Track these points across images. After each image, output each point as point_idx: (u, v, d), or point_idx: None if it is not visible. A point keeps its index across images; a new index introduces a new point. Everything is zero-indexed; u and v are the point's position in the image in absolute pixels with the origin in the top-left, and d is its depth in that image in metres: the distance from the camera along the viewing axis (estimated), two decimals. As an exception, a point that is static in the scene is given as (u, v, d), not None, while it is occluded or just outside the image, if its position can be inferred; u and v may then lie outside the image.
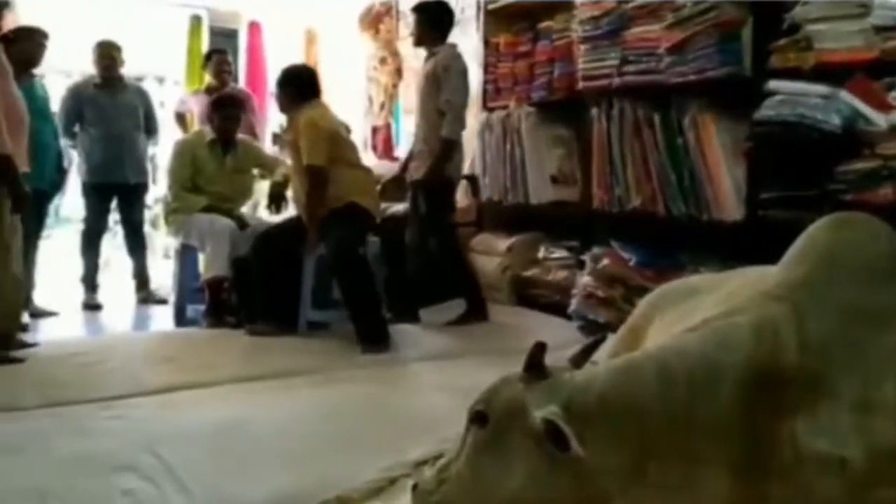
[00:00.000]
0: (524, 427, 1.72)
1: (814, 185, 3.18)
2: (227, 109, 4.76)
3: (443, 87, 4.31)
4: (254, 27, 7.35)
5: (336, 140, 4.19)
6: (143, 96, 5.58)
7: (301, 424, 2.71)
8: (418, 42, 4.61)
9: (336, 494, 2.03)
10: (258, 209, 5.16)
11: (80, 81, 5.48)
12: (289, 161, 4.47)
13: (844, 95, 3.12)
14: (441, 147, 4.31)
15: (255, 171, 4.99)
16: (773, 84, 3.31)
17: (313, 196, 4.04)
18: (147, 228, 6.01)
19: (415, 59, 6.32)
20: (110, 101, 5.26)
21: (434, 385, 3.23)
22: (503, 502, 1.75)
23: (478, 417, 1.83)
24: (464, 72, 4.41)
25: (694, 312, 1.85)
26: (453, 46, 4.50)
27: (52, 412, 2.85)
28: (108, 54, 5.26)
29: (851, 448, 1.52)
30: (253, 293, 4.24)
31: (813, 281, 1.68)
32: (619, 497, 1.65)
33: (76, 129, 5.25)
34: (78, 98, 5.22)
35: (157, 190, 6.77)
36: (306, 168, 4.02)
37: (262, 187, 5.08)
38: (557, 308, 4.48)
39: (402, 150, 6.65)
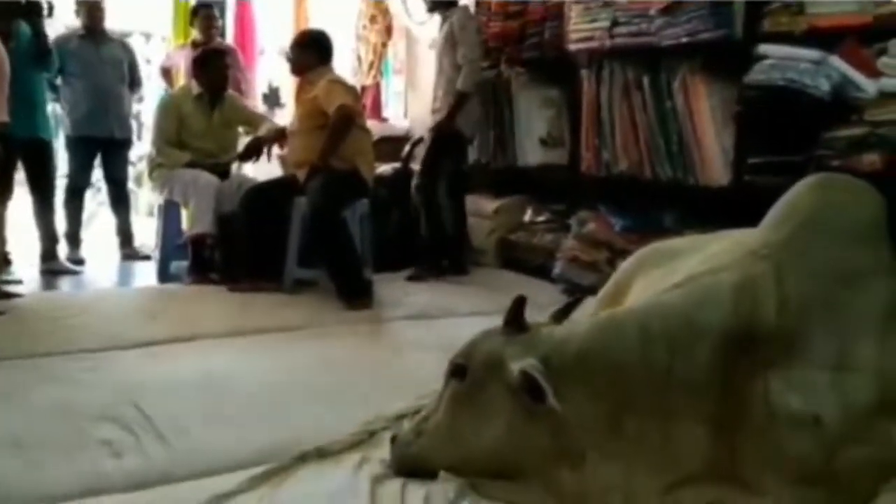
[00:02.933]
0: (502, 379, 1.73)
1: (801, 150, 3.17)
2: (216, 62, 4.70)
3: (459, 43, 4.49)
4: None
5: (357, 101, 4.35)
6: (127, 50, 5.50)
7: (282, 378, 2.71)
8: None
9: (315, 446, 2.02)
10: (241, 166, 5.11)
11: (63, 33, 5.39)
12: (278, 120, 4.46)
13: (834, 61, 3.10)
14: (455, 99, 4.47)
15: (241, 129, 4.94)
16: (763, 48, 3.28)
17: (334, 139, 4.01)
18: (131, 185, 5.95)
19: (408, 19, 6.27)
20: (94, 53, 5.17)
21: (416, 342, 3.23)
22: (479, 453, 1.76)
23: (457, 370, 1.84)
24: (479, 29, 4.70)
25: (678, 271, 1.85)
26: (465, 8, 4.74)
27: (30, 363, 2.83)
28: (92, 5, 5.16)
29: (826, 406, 1.53)
30: (238, 250, 4.22)
31: (795, 241, 1.69)
32: (594, 451, 1.66)
33: (58, 82, 5.17)
34: (61, 50, 5.12)
35: (142, 147, 6.70)
36: (337, 109, 3.98)
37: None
38: (543, 271, 4.47)
39: (390, 111, 6.61)
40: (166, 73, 6.06)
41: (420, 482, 1.81)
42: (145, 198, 6.86)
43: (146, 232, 5.50)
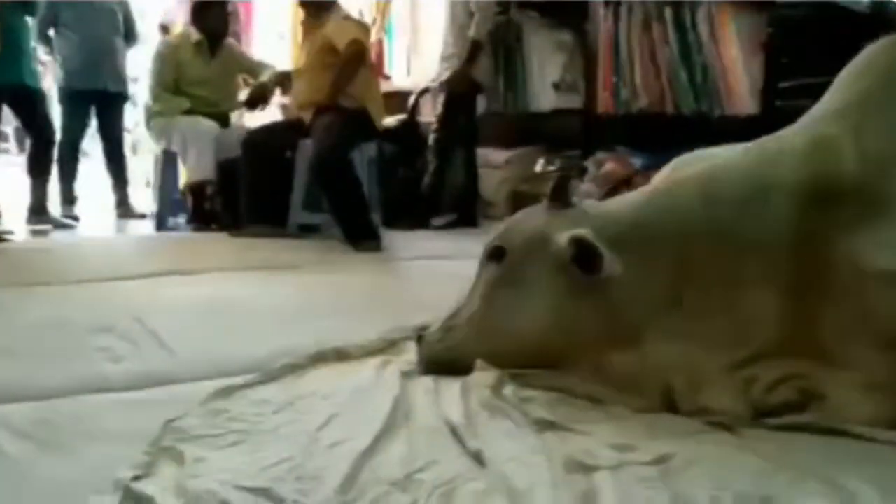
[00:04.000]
0: (547, 256, 1.56)
1: (837, 70, 3.01)
2: (217, 7, 4.53)
3: None
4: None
5: (368, 38, 4.25)
6: (122, 0, 5.31)
7: (291, 301, 2.53)
8: None
9: (333, 346, 1.85)
10: (243, 115, 4.93)
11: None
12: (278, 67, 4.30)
13: (873, -27, 2.94)
14: (470, 49, 4.34)
15: (240, 78, 4.76)
16: (801, -35, 3.13)
17: (345, 75, 3.86)
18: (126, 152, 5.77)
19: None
20: (88, 3, 4.98)
21: (431, 274, 3.06)
22: (521, 340, 1.60)
23: (494, 253, 1.67)
24: None
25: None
26: None
27: (25, 290, 2.65)
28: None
29: None
30: (239, 197, 4.05)
31: (872, 99, 1.54)
32: (651, 329, 1.50)
33: (51, 33, 4.98)
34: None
35: (136, 114, 6.48)
36: (350, 44, 3.83)
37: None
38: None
39: (394, 69, 6.43)
40: (164, 29, 5.89)
41: (453, 378, 1.65)
42: (141, 167, 6.66)
43: (142, 201, 5.32)
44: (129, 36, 5.28)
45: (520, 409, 1.44)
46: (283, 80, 4.44)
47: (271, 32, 6.80)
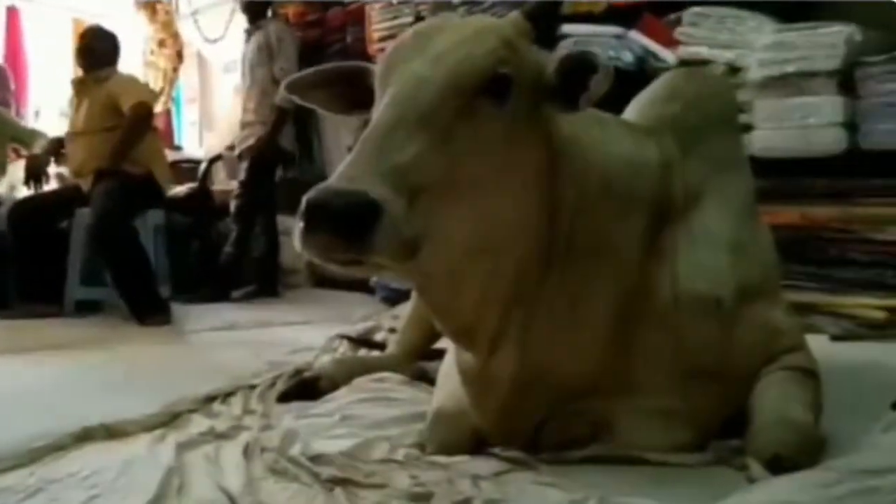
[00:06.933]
0: None
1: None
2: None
3: (277, 56, 4.32)
4: (12, 12, 6.61)
5: (155, 101, 4.11)
6: None
7: (69, 380, 2.27)
8: None
9: (103, 423, 1.65)
10: (15, 189, 4.51)
11: None
12: (50, 133, 3.99)
13: (634, 35, 3.17)
14: (276, 115, 4.24)
15: (9, 148, 4.37)
16: (567, 27, 3.30)
17: (130, 138, 3.64)
18: None
19: (200, 42, 5.94)
20: None
21: (225, 343, 2.89)
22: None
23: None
24: (295, 42, 4.45)
25: None
26: (282, 18, 4.62)
27: None
28: None
29: (725, 288, 1.42)
30: (6, 273, 3.65)
31: (688, 125, 1.57)
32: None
33: None
34: None
35: None
36: (136, 106, 3.62)
37: (17, 169, 4.44)
38: (359, 285, 4.23)
39: (183, 139, 6.21)
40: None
41: (236, 443, 1.51)
42: None
43: None
44: None
45: (309, 470, 1.32)
46: (58, 148, 4.11)
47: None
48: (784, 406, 1.36)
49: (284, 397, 1.95)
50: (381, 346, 2.56)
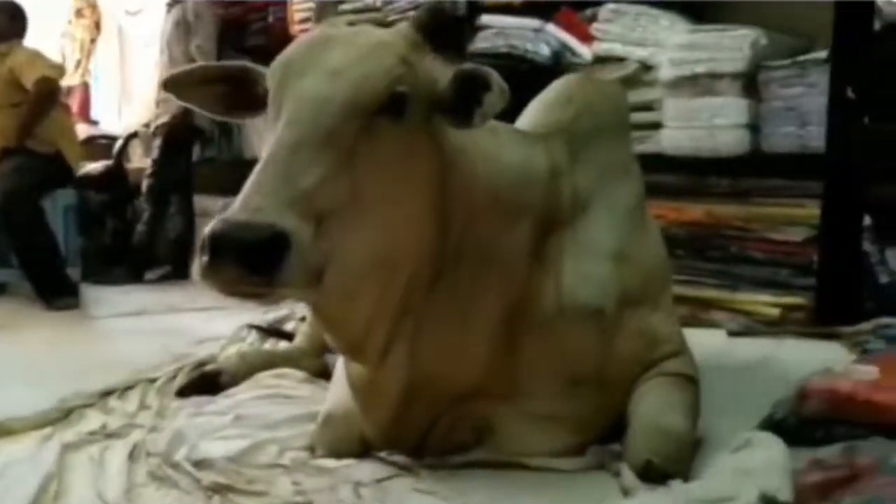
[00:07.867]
0: None
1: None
2: None
3: (193, 33, 4.27)
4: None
5: (61, 76, 3.91)
6: None
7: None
8: None
9: (-14, 423, 1.61)
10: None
11: None
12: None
13: (552, 28, 3.19)
14: None
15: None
16: (486, 18, 3.31)
17: (35, 115, 3.54)
18: None
19: (121, 14, 5.76)
20: None
21: (131, 331, 2.84)
22: None
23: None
24: (213, 20, 4.39)
25: None
26: None
27: None
28: None
29: (607, 298, 1.45)
30: None
31: (580, 131, 1.59)
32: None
33: None
34: None
35: None
36: (40, 81, 3.52)
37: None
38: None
39: (100, 112, 6.01)
40: None
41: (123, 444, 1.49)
42: None
43: None
44: None
45: (191, 476, 1.32)
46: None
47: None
48: (659, 413, 1.41)
49: (183, 392, 1.94)
50: (290, 336, 2.54)
